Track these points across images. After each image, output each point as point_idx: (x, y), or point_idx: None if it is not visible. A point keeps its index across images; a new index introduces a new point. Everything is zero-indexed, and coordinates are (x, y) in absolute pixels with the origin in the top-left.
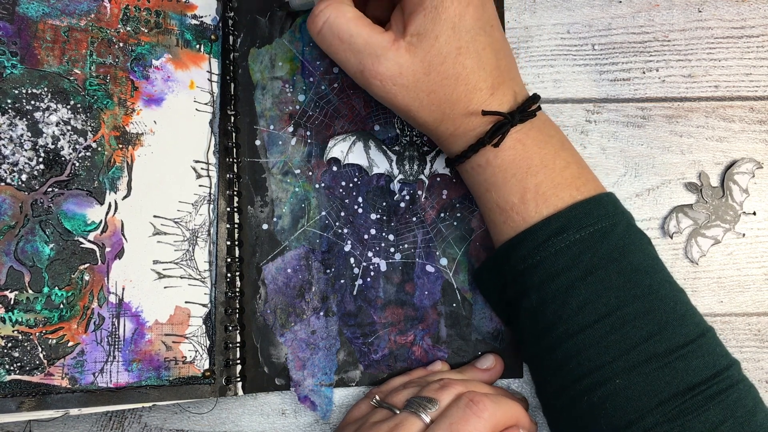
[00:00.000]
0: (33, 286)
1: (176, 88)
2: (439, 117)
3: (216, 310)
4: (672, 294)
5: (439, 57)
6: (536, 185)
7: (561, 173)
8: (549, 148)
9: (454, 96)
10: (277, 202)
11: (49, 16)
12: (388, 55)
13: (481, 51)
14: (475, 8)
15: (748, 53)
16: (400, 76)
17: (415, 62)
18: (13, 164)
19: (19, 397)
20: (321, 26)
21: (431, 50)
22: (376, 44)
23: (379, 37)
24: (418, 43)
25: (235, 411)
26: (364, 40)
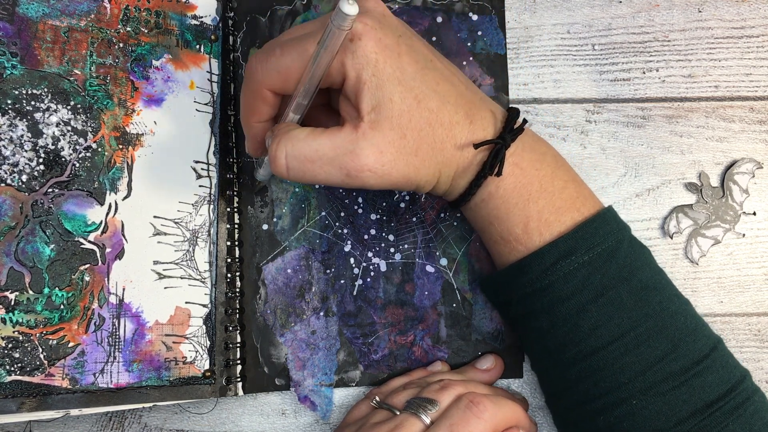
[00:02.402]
0: (33, 286)
1: (176, 89)
2: (437, 168)
3: (216, 311)
4: (681, 308)
5: (403, 116)
6: (538, 212)
7: (560, 195)
8: (545, 168)
9: (437, 142)
10: (277, 203)
11: (49, 16)
12: (360, 143)
13: (437, 87)
14: (407, 54)
15: (748, 53)
16: (382, 155)
17: (387, 134)
18: (14, 165)
19: (20, 397)
20: (285, 162)
21: (393, 114)
22: (343, 142)
23: (341, 135)
24: (378, 116)
25: (235, 411)
26: (330, 146)
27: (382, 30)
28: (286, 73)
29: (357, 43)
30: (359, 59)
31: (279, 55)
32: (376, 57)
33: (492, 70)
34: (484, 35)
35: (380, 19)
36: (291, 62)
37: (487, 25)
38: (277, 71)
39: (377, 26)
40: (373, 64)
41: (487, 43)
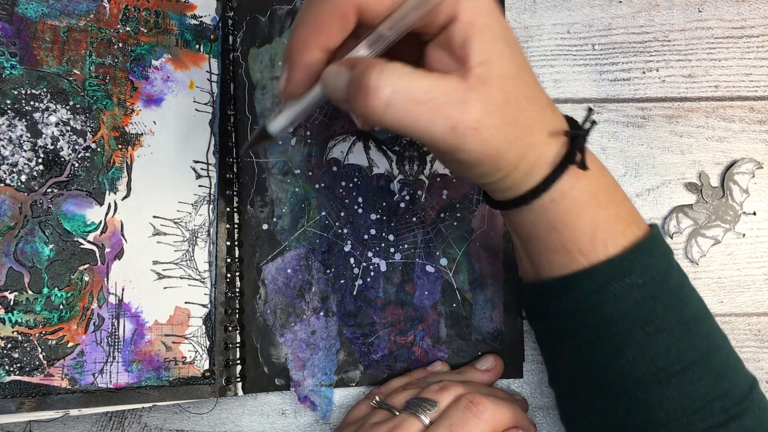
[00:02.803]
0: (33, 286)
1: (176, 89)
2: (524, 150)
3: (216, 311)
4: (724, 342)
5: (508, 80)
6: (606, 221)
7: (624, 206)
8: (609, 177)
9: (530, 120)
10: (277, 202)
11: (48, 16)
12: (471, 96)
13: (529, 66)
14: (504, 19)
15: (748, 53)
16: (490, 115)
17: (493, 93)
18: (13, 165)
19: (19, 397)
20: (388, 97)
21: (501, 74)
22: (454, 90)
23: (449, 82)
24: (488, 72)
25: (235, 411)
26: (441, 90)
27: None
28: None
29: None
30: (476, 3)
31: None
32: (490, 7)
33: None
34: None
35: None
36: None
37: None
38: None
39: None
40: (489, 14)
41: None
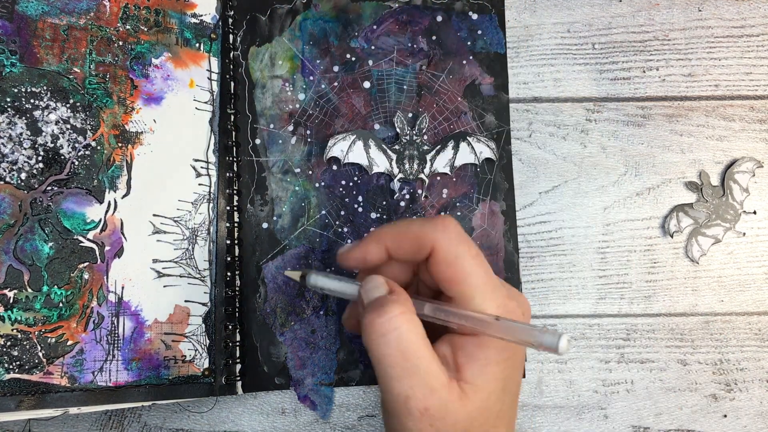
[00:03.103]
0: (32, 284)
1: (176, 87)
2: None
3: (216, 309)
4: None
5: (483, 416)
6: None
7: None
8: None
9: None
10: (277, 201)
11: (49, 14)
12: (442, 393)
13: (512, 416)
14: (519, 373)
15: (748, 52)
16: (442, 420)
17: (461, 413)
18: (13, 163)
19: (19, 395)
20: (388, 331)
21: (480, 406)
22: (436, 376)
23: (437, 369)
24: (471, 394)
25: (235, 410)
26: (427, 366)
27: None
28: (457, 267)
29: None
30: (502, 345)
31: (473, 255)
32: (508, 356)
33: (492, 69)
34: (484, 34)
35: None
36: (471, 269)
37: (487, 24)
38: (455, 259)
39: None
40: (504, 358)
41: (487, 42)
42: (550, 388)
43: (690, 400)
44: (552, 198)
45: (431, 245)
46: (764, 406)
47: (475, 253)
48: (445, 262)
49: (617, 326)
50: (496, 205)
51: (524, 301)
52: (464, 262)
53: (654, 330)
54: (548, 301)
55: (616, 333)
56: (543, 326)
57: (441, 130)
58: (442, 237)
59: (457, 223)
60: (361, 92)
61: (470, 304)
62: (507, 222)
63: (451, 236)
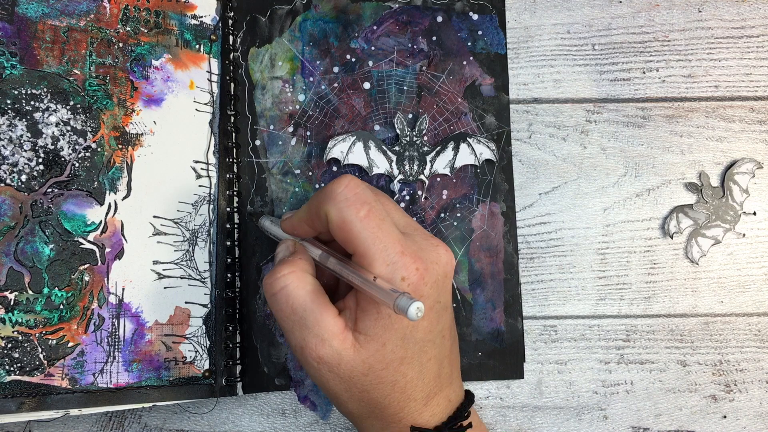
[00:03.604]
0: (33, 286)
1: (176, 89)
2: (366, 413)
3: (216, 311)
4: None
5: (381, 363)
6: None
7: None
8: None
9: (386, 401)
10: (277, 203)
11: (49, 16)
12: (333, 342)
13: (426, 362)
14: (429, 322)
15: (748, 53)
16: (337, 367)
17: (356, 360)
18: (13, 165)
19: (19, 397)
20: (278, 290)
21: (375, 354)
22: (326, 327)
23: (330, 321)
24: (364, 343)
25: (235, 411)
26: (315, 318)
27: (431, 290)
28: (347, 231)
29: (402, 284)
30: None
31: (362, 218)
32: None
33: (492, 69)
34: (484, 35)
35: (439, 280)
36: (359, 231)
37: (488, 24)
38: (344, 223)
39: (430, 284)
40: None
41: (487, 43)
42: (550, 389)
43: (690, 401)
44: (552, 199)
45: (325, 215)
46: (764, 407)
47: (365, 214)
48: (336, 227)
49: (617, 327)
50: (496, 206)
51: (434, 258)
52: (352, 226)
53: (654, 331)
54: (548, 302)
55: (615, 334)
56: (403, 292)
57: (441, 131)
58: (330, 206)
59: (347, 185)
60: (361, 93)
61: (364, 263)
62: (507, 223)
63: (338, 201)
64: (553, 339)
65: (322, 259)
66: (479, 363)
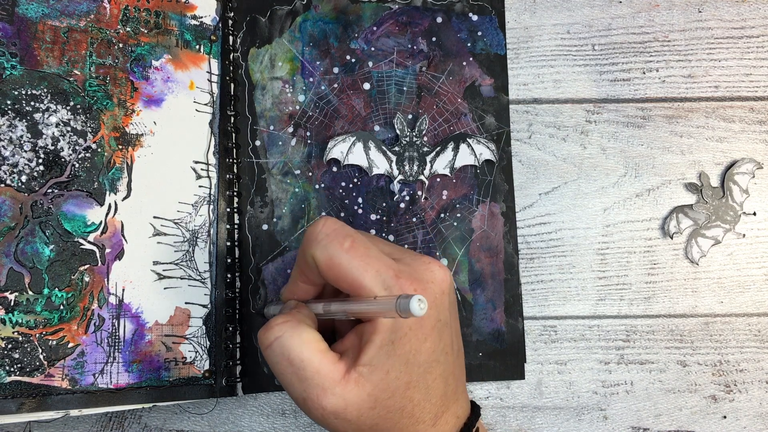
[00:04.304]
0: (33, 287)
1: (176, 89)
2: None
3: (216, 311)
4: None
5: (387, 392)
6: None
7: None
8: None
9: (396, 428)
10: (277, 203)
11: (49, 16)
12: (336, 389)
13: (431, 382)
14: (432, 342)
15: (748, 53)
16: (344, 412)
17: (362, 396)
18: (13, 165)
19: (20, 398)
20: (272, 341)
21: (380, 384)
22: (326, 375)
23: (330, 368)
24: (368, 375)
25: (235, 411)
26: (314, 368)
27: (431, 310)
28: (336, 267)
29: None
30: (393, 322)
31: (347, 249)
32: (406, 331)
33: (492, 70)
34: (484, 35)
35: (437, 298)
36: (348, 262)
37: (487, 25)
38: (330, 260)
39: (429, 305)
40: (400, 335)
41: (487, 44)
42: (550, 389)
43: (690, 401)
44: (552, 199)
45: (312, 261)
46: (764, 407)
47: (349, 245)
48: (325, 267)
49: (617, 327)
50: (496, 207)
51: (429, 277)
52: (340, 260)
53: (654, 331)
54: (548, 303)
55: (615, 334)
56: (402, 295)
57: (441, 131)
58: (313, 248)
59: (324, 224)
60: (361, 93)
61: (362, 293)
62: (507, 223)
63: (320, 241)
64: (553, 339)
65: (325, 310)
66: (480, 364)
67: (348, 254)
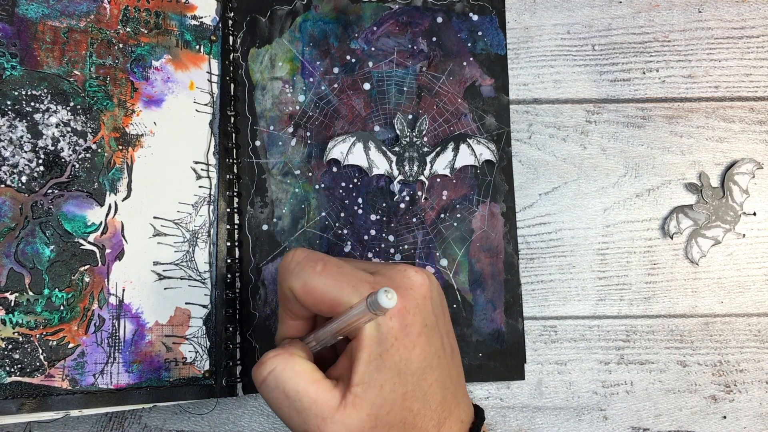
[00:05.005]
0: (33, 287)
1: (176, 89)
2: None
3: (216, 311)
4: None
5: (384, 407)
6: None
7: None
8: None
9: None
10: (277, 203)
11: (49, 17)
12: (335, 417)
13: (428, 389)
14: (422, 348)
15: (748, 54)
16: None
17: (362, 418)
18: (13, 166)
19: (20, 398)
20: (265, 376)
21: (376, 401)
22: (324, 404)
23: (327, 396)
24: (363, 394)
25: (235, 412)
26: (311, 399)
27: (414, 316)
28: (312, 291)
29: (384, 319)
30: (377, 334)
31: (320, 272)
32: (392, 342)
33: (492, 70)
34: (484, 35)
35: (419, 303)
36: (323, 284)
37: (488, 25)
38: (306, 285)
39: (412, 311)
40: (387, 346)
41: (487, 44)
42: (550, 390)
43: (690, 401)
44: (552, 199)
45: (291, 293)
46: (764, 407)
47: (321, 268)
48: (302, 294)
49: (617, 327)
50: (496, 207)
51: (406, 284)
52: (315, 283)
53: (654, 331)
54: (548, 303)
55: (615, 334)
56: (370, 293)
57: (441, 131)
58: (288, 279)
59: (294, 253)
60: (361, 94)
61: (341, 312)
62: (507, 224)
63: (292, 270)
64: (553, 339)
65: (315, 338)
66: (480, 364)
67: (321, 276)
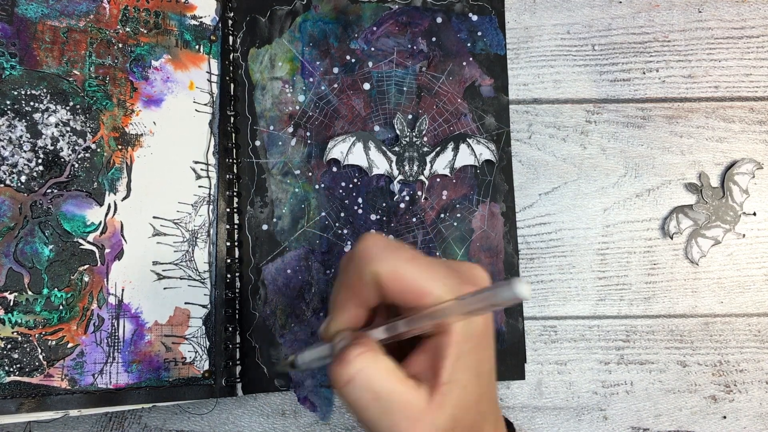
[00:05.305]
0: (32, 287)
1: (176, 89)
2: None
3: (216, 311)
4: None
5: (464, 409)
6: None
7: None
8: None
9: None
10: (276, 203)
11: (48, 17)
12: (426, 418)
13: (493, 392)
14: (491, 348)
15: (748, 54)
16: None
17: (446, 418)
18: (13, 165)
19: (19, 398)
20: (352, 376)
21: (458, 402)
22: (414, 405)
23: (415, 395)
24: (447, 394)
25: (235, 412)
26: (401, 399)
27: (491, 316)
28: (401, 279)
29: (474, 317)
30: (468, 332)
31: (409, 260)
32: (476, 341)
33: (492, 70)
34: (484, 36)
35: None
36: (414, 273)
37: (487, 25)
38: (395, 272)
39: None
40: (471, 345)
41: (487, 44)
42: (550, 390)
43: (689, 401)
44: (552, 199)
45: (372, 278)
46: (764, 407)
47: (409, 255)
48: (389, 281)
49: (617, 327)
50: (496, 207)
51: (480, 281)
52: (404, 271)
53: (654, 331)
54: (548, 303)
55: (615, 334)
56: (498, 282)
57: (441, 131)
58: (375, 265)
59: (374, 239)
60: (361, 94)
61: (426, 303)
62: (507, 223)
63: (378, 256)
64: (553, 339)
65: (389, 333)
66: None
67: (411, 264)
